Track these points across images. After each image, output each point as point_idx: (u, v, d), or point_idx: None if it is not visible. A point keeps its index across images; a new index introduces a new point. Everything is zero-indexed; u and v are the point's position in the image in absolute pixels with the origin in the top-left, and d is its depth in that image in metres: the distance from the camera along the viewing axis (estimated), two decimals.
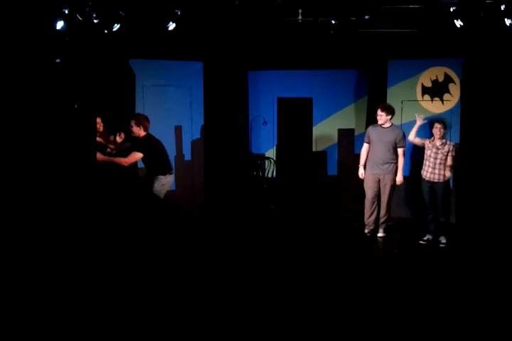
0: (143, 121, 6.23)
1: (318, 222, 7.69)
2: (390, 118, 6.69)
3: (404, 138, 6.73)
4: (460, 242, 6.44)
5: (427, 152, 6.42)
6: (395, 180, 6.67)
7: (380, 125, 6.69)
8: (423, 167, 6.48)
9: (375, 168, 6.66)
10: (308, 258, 5.96)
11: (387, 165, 6.63)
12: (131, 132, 6.27)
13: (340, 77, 8.24)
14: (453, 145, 6.40)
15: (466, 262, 5.75)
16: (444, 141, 6.39)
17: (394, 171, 6.65)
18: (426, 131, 6.98)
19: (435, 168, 6.34)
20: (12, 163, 5.69)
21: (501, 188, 6.60)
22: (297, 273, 5.46)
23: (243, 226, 7.28)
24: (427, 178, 6.42)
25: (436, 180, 6.35)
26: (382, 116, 6.63)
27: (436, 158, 6.35)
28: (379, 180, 6.68)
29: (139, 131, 6.24)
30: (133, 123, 6.22)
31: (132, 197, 6.75)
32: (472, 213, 6.87)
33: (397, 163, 6.66)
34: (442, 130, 6.37)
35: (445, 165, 6.35)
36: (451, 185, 6.70)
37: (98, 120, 6.37)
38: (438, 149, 6.34)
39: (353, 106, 8.32)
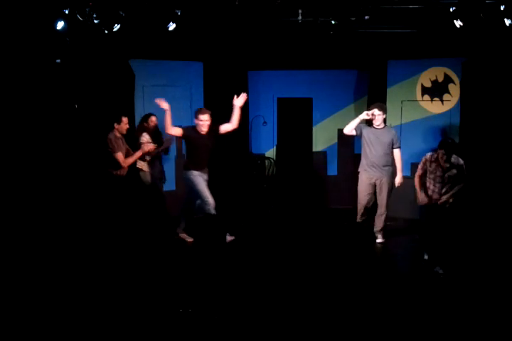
0: None
1: (317, 221, 7.68)
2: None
3: (399, 139, 6.44)
4: (459, 243, 6.44)
5: (430, 175, 5.44)
6: (392, 183, 6.33)
7: (374, 126, 6.30)
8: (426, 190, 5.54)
9: (374, 170, 6.30)
10: (307, 258, 5.96)
11: (386, 168, 6.29)
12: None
13: (340, 77, 8.24)
14: (463, 164, 5.41)
15: (466, 264, 5.74)
16: (453, 159, 5.36)
17: (391, 174, 6.32)
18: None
19: (440, 192, 5.47)
20: (12, 162, 5.70)
21: (501, 188, 6.61)
22: (295, 272, 5.46)
23: (243, 226, 7.28)
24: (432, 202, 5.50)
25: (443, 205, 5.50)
26: (380, 116, 6.24)
27: (442, 182, 5.43)
28: (375, 184, 6.34)
29: None
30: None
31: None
32: (472, 213, 6.87)
33: (393, 165, 6.35)
34: (444, 156, 5.28)
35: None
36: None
37: (125, 120, 6.27)
38: (445, 172, 5.39)
39: (353, 106, 8.32)
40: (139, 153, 6.31)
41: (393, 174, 6.38)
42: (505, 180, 6.57)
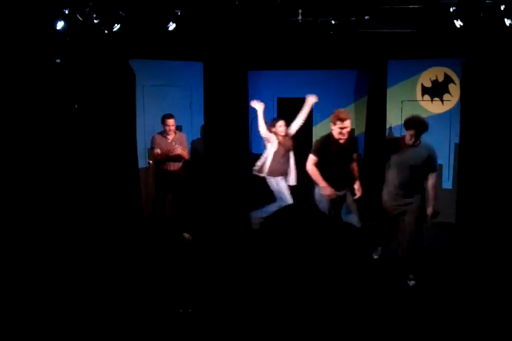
0: None
1: (317, 222, 7.67)
2: None
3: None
4: (461, 243, 6.44)
5: None
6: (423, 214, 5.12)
7: (406, 142, 5.03)
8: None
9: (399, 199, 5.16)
10: (306, 259, 5.96)
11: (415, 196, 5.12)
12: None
13: (340, 77, 8.23)
14: None
15: (467, 263, 5.75)
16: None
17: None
18: None
19: None
20: (12, 162, 5.70)
21: (502, 188, 6.61)
22: (295, 273, 5.46)
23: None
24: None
25: None
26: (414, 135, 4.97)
27: None
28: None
29: None
30: None
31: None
32: (473, 213, 6.87)
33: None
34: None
35: None
36: None
37: (167, 121, 6.39)
38: None
39: (353, 106, 8.31)
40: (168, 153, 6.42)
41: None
42: (506, 180, 6.56)
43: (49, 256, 5.59)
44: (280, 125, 6.67)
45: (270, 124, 6.70)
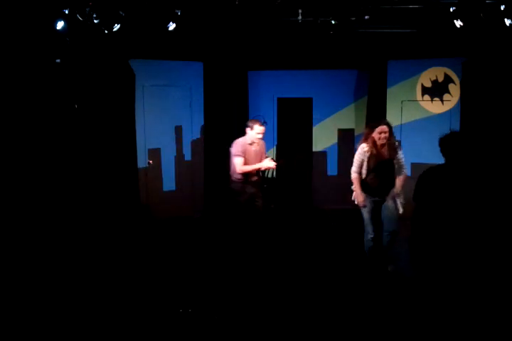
0: None
1: (317, 222, 7.68)
2: None
3: None
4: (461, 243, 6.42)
5: None
6: None
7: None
8: None
9: None
10: (306, 259, 5.96)
11: None
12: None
13: (340, 77, 8.24)
14: None
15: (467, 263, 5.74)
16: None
17: None
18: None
19: None
20: (12, 162, 5.70)
21: (502, 188, 6.60)
22: (294, 273, 5.46)
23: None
24: None
25: None
26: None
27: None
28: None
29: None
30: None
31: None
32: (472, 213, 6.85)
33: None
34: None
35: None
36: None
37: (264, 129, 5.91)
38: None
39: (353, 106, 8.32)
40: (255, 166, 5.93)
41: None
42: (506, 180, 6.56)
43: (47, 255, 5.59)
44: (381, 131, 5.27)
45: (370, 128, 5.45)
